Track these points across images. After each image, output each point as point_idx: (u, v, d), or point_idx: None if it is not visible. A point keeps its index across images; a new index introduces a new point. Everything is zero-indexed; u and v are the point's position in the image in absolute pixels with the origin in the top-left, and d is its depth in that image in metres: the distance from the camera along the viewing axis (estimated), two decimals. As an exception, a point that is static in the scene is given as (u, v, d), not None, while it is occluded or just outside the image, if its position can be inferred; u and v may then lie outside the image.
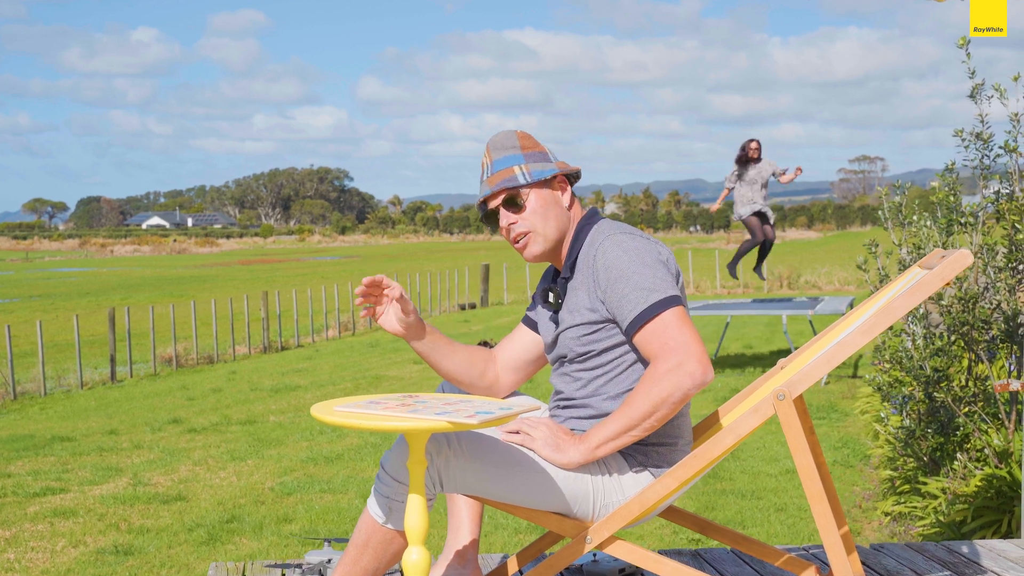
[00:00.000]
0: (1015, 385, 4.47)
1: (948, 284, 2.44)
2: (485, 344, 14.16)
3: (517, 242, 3.08)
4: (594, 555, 3.43)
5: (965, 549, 3.71)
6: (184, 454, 10.07)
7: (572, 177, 3.15)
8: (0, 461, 10.01)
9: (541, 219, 3.05)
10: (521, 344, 3.24)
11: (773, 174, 13.82)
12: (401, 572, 3.41)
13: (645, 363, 2.97)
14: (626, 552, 2.74)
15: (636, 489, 2.88)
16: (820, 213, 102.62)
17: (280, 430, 11.25)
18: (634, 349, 2.99)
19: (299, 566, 3.35)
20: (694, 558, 3.59)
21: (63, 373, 17.14)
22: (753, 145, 13.76)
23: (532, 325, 3.24)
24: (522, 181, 3.03)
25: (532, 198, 3.04)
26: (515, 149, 3.08)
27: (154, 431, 11.50)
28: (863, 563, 3.54)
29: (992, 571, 3.49)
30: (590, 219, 3.10)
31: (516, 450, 2.87)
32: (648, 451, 2.94)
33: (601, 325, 2.98)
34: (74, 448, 10.57)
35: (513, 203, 3.05)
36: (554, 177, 3.08)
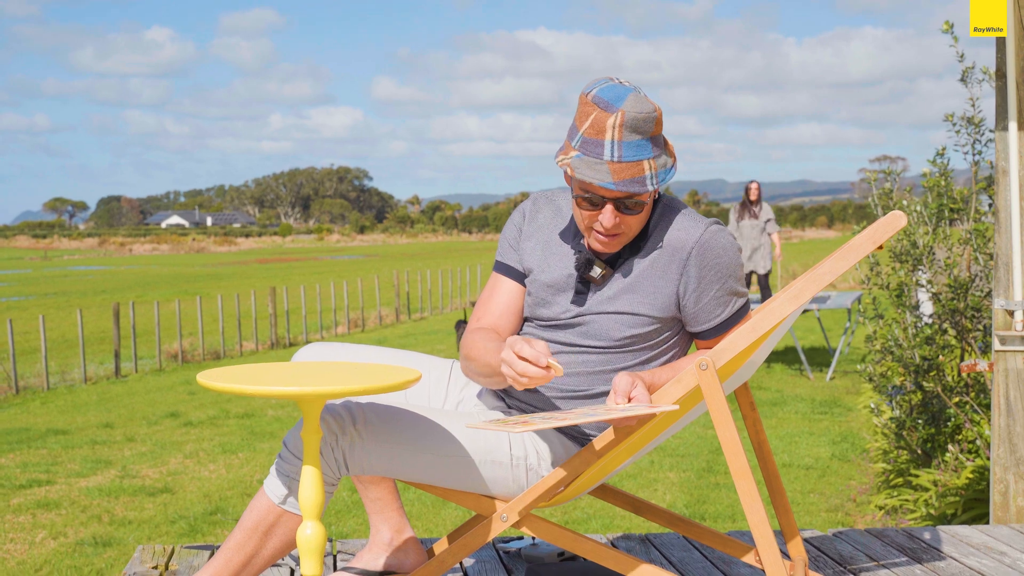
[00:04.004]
0: (982, 366, 4.34)
1: (881, 248, 2.32)
2: (464, 324, 13.87)
3: (601, 234, 2.66)
4: (533, 539, 3.32)
5: (927, 535, 3.58)
6: (176, 447, 10.00)
7: None
8: (-8, 454, 9.96)
9: (640, 223, 2.68)
10: (514, 308, 2.84)
11: (768, 224, 14.39)
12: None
13: (678, 358, 2.78)
14: (543, 530, 2.62)
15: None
16: (840, 213, 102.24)
17: (276, 423, 11.18)
18: (678, 345, 2.77)
19: (222, 547, 3.24)
20: (642, 543, 3.47)
21: (68, 368, 17.10)
22: (753, 186, 14.20)
23: (509, 272, 2.86)
24: (649, 187, 2.58)
25: (646, 204, 2.66)
26: (648, 134, 2.59)
27: (150, 424, 11.44)
28: (818, 548, 3.42)
29: (951, 557, 3.36)
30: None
31: (429, 429, 2.66)
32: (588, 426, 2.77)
33: (660, 323, 2.71)
34: (67, 441, 10.51)
35: (627, 207, 2.63)
36: None
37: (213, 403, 12.87)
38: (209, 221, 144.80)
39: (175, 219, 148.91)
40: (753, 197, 14.23)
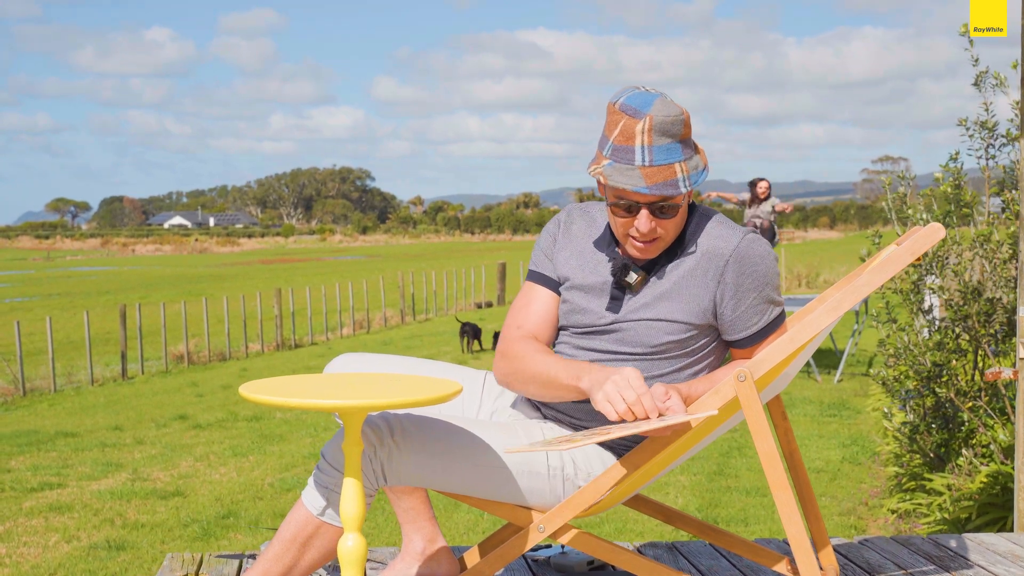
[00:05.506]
0: (1007, 373, 4.34)
1: (919, 260, 2.32)
2: (468, 326, 13.94)
3: (638, 240, 2.69)
4: (563, 547, 3.32)
5: (953, 543, 3.59)
6: (186, 450, 10.00)
7: None
8: (2, 456, 9.95)
9: (676, 227, 2.70)
10: (551, 317, 2.85)
11: (774, 211, 14.87)
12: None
13: (714, 367, 2.80)
14: (581, 541, 2.63)
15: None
16: (843, 214, 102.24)
17: (285, 426, 11.18)
18: (714, 353, 2.78)
19: (253, 556, 3.25)
20: (669, 551, 3.48)
21: (75, 370, 17.11)
22: (763, 185, 14.60)
23: (545, 281, 2.86)
24: (682, 189, 2.61)
25: (681, 207, 2.68)
26: (678, 137, 2.62)
27: (159, 427, 11.44)
28: (845, 556, 3.42)
29: (979, 565, 3.36)
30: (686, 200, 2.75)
31: (466, 439, 2.66)
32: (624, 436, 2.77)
33: (696, 329, 2.72)
34: (77, 444, 10.52)
35: (661, 211, 2.66)
36: None
37: (221, 406, 12.88)
38: (212, 222, 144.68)
39: (178, 219, 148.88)
40: (762, 196, 14.59)
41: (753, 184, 14.68)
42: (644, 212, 2.65)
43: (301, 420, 11.47)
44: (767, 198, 14.60)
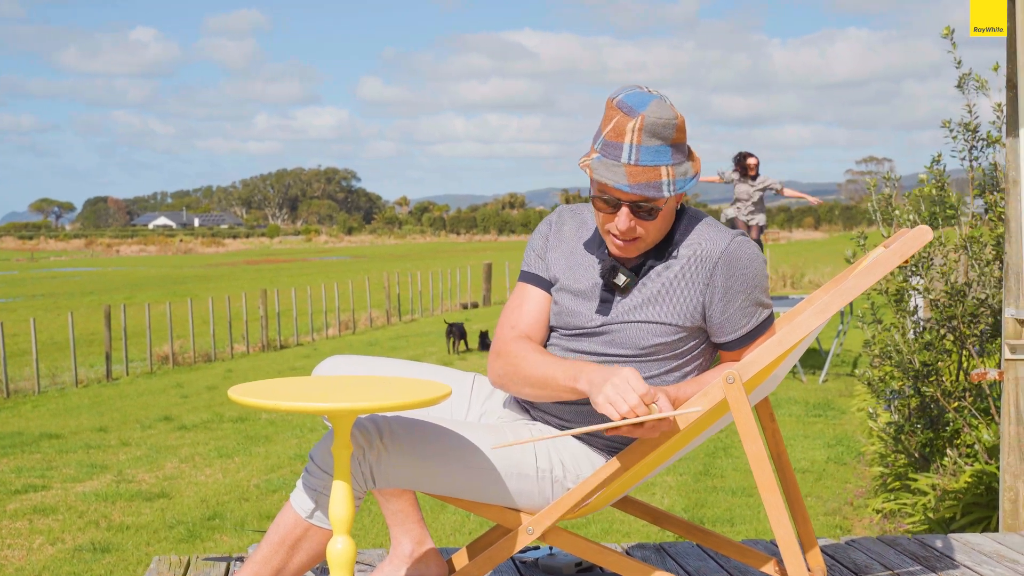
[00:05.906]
0: (992, 374, 4.36)
1: (907, 262, 2.33)
2: (455, 327, 14.05)
3: (618, 238, 2.70)
4: (551, 549, 3.32)
5: (939, 543, 3.60)
6: (171, 451, 9.98)
7: None
8: (-14, 458, 9.92)
9: (658, 230, 2.71)
10: (544, 317, 2.85)
11: (769, 188, 14.23)
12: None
13: (704, 369, 2.80)
14: (563, 541, 2.63)
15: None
16: (827, 214, 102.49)
17: (271, 427, 11.16)
18: (703, 355, 2.78)
19: (240, 559, 3.24)
20: (657, 552, 3.48)
21: (59, 371, 17.05)
22: (751, 162, 14.07)
23: (538, 281, 2.87)
24: (666, 193, 2.63)
25: (664, 210, 2.68)
26: (668, 140, 2.63)
27: (144, 428, 11.41)
28: (832, 557, 3.43)
29: (965, 565, 3.38)
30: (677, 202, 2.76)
31: (455, 441, 2.66)
32: (612, 438, 2.78)
33: (686, 332, 2.73)
34: (61, 445, 10.48)
35: (644, 211, 2.67)
36: None
37: (206, 407, 12.85)
38: (196, 222, 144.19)
39: (162, 220, 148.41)
40: (752, 173, 14.16)
41: (742, 158, 14.06)
42: (624, 210, 2.66)
43: (287, 421, 11.45)
44: (756, 175, 14.17)
